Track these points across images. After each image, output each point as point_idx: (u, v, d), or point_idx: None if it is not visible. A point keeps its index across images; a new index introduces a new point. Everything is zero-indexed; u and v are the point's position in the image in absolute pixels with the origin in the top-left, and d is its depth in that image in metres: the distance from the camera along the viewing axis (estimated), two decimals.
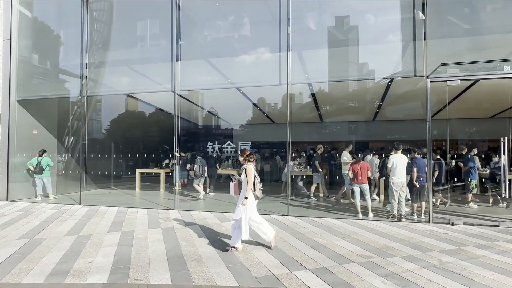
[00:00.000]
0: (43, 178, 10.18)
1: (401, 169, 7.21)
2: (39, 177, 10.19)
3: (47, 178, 10.23)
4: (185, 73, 9.21)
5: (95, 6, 10.36)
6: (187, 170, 12.73)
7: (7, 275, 4.17)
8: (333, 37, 9.03)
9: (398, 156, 7.28)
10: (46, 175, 10.19)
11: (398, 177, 7.20)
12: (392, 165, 7.24)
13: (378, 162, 9.48)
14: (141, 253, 5.03)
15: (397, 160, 7.22)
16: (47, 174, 10.20)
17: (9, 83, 10.04)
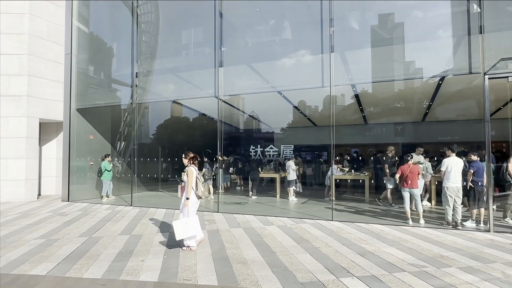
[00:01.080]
0: (102, 180, 10.96)
1: (456, 173, 6.72)
2: (100, 180, 11.04)
3: (104, 180, 10.98)
4: (227, 79, 9.41)
5: (143, 18, 11.00)
6: (230, 174, 12.99)
7: (70, 269, 4.54)
8: (376, 36, 8.71)
9: (453, 159, 6.80)
10: (104, 178, 10.93)
11: (453, 181, 6.72)
12: (446, 168, 6.78)
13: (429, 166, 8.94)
14: (188, 254, 5.20)
15: (452, 164, 6.75)
16: (104, 177, 10.92)
17: (69, 94, 10.97)
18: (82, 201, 10.71)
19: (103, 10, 12.19)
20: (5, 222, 7.52)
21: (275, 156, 14.25)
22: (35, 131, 11.17)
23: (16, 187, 10.80)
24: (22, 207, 9.56)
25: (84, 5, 11.67)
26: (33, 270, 4.50)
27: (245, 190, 12.74)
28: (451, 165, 6.75)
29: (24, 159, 10.81)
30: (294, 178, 10.55)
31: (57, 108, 11.65)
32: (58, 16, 11.82)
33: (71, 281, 4.16)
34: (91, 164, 11.64)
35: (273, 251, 5.27)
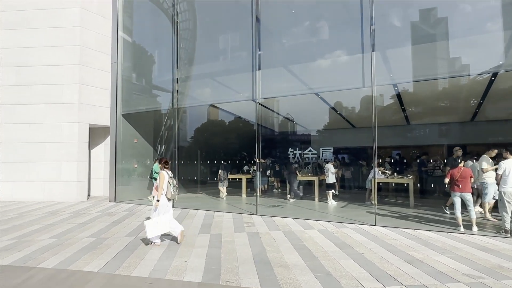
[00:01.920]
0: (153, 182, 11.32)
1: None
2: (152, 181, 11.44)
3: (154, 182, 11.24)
4: (265, 82, 9.45)
5: (181, 26, 11.37)
6: (267, 176, 12.99)
7: (119, 267, 4.76)
8: (418, 33, 8.30)
9: (511, 162, 6.28)
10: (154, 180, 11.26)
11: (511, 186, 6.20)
12: (504, 172, 6.27)
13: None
14: (229, 255, 5.26)
15: (510, 167, 6.23)
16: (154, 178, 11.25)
17: (116, 100, 11.61)
18: (127, 202, 11.25)
19: (145, 21, 12.81)
20: (60, 221, 8.09)
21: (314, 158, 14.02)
22: (85, 136, 11.94)
23: (68, 188, 11.60)
24: (74, 207, 10.23)
25: (128, 17, 12.32)
26: (86, 267, 4.78)
27: (283, 193, 12.68)
28: (509, 168, 6.23)
29: (76, 162, 11.59)
30: (333, 181, 10.33)
31: (105, 114, 12.38)
32: (105, 27, 12.58)
33: (121, 279, 4.36)
34: (135, 167, 12.21)
35: (315, 256, 5.17)
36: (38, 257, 5.25)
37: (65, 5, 12.00)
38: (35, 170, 11.70)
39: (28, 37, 12.00)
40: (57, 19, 11.99)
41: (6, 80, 11.95)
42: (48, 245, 5.90)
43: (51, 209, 9.80)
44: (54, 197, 11.60)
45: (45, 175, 11.68)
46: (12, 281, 4.26)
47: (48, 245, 5.90)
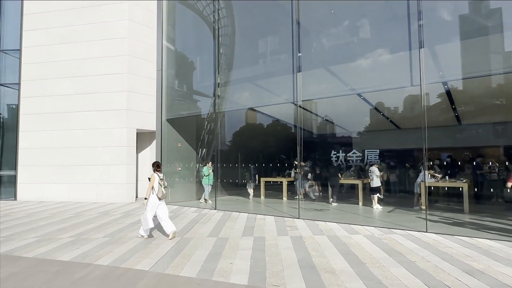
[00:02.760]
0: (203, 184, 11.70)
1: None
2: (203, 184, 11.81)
3: (204, 185, 11.65)
4: (305, 84, 9.35)
5: (221, 32, 11.62)
6: (308, 179, 12.81)
7: (168, 267, 4.93)
8: (468, 26, 7.74)
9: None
10: (203, 182, 11.64)
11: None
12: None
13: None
14: (274, 259, 5.23)
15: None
16: (204, 181, 11.62)
17: (161, 106, 12.13)
18: (172, 203, 11.65)
19: (186, 29, 13.27)
20: (112, 221, 8.58)
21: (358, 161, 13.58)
22: (133, 140, 12.60)
23: (118, 189, 12.29)
24: (123, 208, 10.81)
25: (171, 26, 12.84)
26: (138, 266, 5.00)
27: (324, 196, 12.43)
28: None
29: (125, 165, 12.26)
30: (378, 185, 9.92)
31: (150, 119, 12.98)
32: (150, 37, 13.22)
33: (170, 278, 4.51)
34: (179, 170, 12.64)
35: (363, 262, 4.98)
36: (94, 254, 5.59)
37: (115, 17, 12.81)
38: (89, 173, 12.55)
39: (83, 49, 12.96)
40: (108, 32, 12.82)
41: (64, 90, 12.99)
42: (102, 244, 6.27)
43: (103, 210, 10.44)
44: (106, 198, 12.35)
45: (98, 177, 12.48)
46: (74, 276, 4.57)
47: (103, 244, 6.27)
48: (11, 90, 13.87)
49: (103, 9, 12.95)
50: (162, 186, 6.69)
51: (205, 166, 11.59)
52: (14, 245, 6.19)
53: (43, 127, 13.09)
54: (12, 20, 14.03)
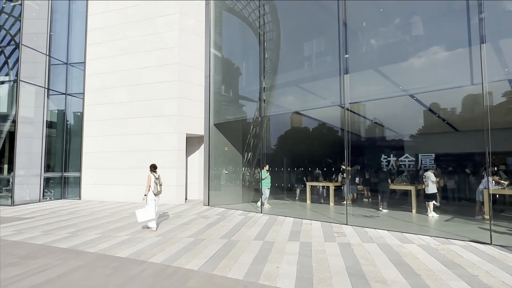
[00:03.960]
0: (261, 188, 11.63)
1: None
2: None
3: (261, 188, 11.47)
4: (353, 86, 9.09)
5: (266, 36, 11.74)
6: (356, 184, 12.39)
7: (216, 268, 5.06)
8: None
9: None
10: (261, 186, 11.51)
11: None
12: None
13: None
14: (321, 265, 5.13)
15: None
16: (261, 184, 11.48)
17: (209, 111, 12.56)
18: (219, 206, 11.97)
19: (233, 36, 13.62)
20: (164, 221, 9.04)
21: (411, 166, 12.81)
22: (183, 144, 13.18)
23: (169, 192, 12.89)
24: (174, 209, 11.32)
25: (218, 34, 13.27)
26: (187, 265, 5.20)
27: (373, 203, 11.92)
28: None
29: (175, 168, 12.86)
30: (434, 191, 9.28)
31: (199, 124, 13.48)
32: (198, 45, 13.77)
33: (218, 279, 4.63)
34: (226, 173, 12.94)
35: (417, 274, 4.69)
36: (148, 252, 5.93)
37: (167, 28, 13.56)
38: (143, 175, 13.32)
39: (139, 60, 13.89)
40: (161, 42, 13.60)
41: (121, 98, 14.01)
42: (155, 243, 6.63)
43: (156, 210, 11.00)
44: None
45: None
46: (130, 272, 4.89)
47: (155, 243, 6.62)
48: (76, 99, 15.29)
49: (157, 21, 13.79)
50: (158, 184, 7.90)
51: (262, 170, 11.46)
52: (79, 241, 6.78)
53: (104, 132, 14.23)
54: (78, 36, 15.48)
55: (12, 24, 13.91)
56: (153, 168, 8.17)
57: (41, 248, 6.26)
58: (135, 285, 4.40)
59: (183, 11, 13.66)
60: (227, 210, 11.10)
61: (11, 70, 13.74)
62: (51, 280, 4.57)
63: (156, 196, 7.98)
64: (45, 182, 14.45)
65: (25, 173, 13.43)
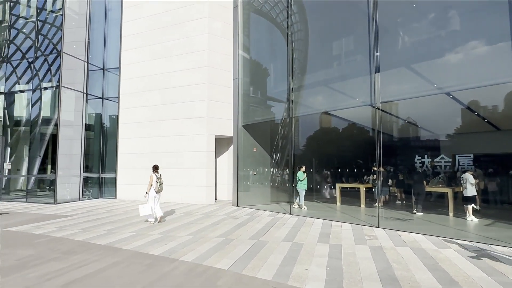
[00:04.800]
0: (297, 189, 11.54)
1: None
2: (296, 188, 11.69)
3: (299, 190, 11.46)
4: (384, 84, 8.83)
5: (294, 36, 11.68)
6: (389, 186, 12.00)
7: (245, 268, 5.11)
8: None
9: None
10: (298, 187, 11.43)
11: None
12: None
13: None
14: (351, 268, 5.03)
15: None
16: (299, 186, 11.40)
17: (237, 112, 12.70)
18: (248, 206, 12.06)
19: (260, 37, 13.69)
20: (194, 221, 9.24)
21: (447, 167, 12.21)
22: (212, 145, 13.42)
23: (199, 192, 13.18)
24: (204, 209, 11.55)
25: (246, 36, 13.40)
26: (217, 264, 5.29)
27: (407, 205, 11.49)
28: None
29: (205, 169, 13.11)
30: (473, 194, 8.80)
31: (228, 125, 13.67)
32: (227, 48, 13.97)
33: (247, 279, 4.67)
34: (255, 174, 13.01)
35: (454, 280, 4.47)
36: (179, 250, 6.10)
37: (197, 32, 13.88)
38: (174, 176, 13.74)
39: (170, 63, 14.33)
40: (191, 46, 13.95)
41: (154, 101, 14.52)
42: (186, 241, 6.80)
43: (187, 210, 11.30)
44: (188, 199, 13.35)
45: (181, 180, 13.59)
46: (162, 270, 5.06)
47: (187, 241, 6.80)
48: (112, 103, 16.03)
49: (186, 26, 14.15)
50: (158, 183, 8.90)
51: (299, 171, 11.35)
52: (115, 238, 7.10)
53: (137, 134, 14.81)
54: (113, 43, 16.24)
55: (54, 34, 14.83)
56: (155, 168, 9.10)
57: (81, 244, 6.62)
58: (168, 282, 4.54)
59: (212, 14, 13.92)
60: (255, 211, 11.16)
61: (53, 76, 14.64)
62: (90, 275, 4.83)
63: (157, 193, 8.95)
64: (84, 182, 15.26)
65: (66, 173, 14.26)
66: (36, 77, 14.97)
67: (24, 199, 14.28)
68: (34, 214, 10.64)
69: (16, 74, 15.53)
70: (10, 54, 15.73)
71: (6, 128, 15.41)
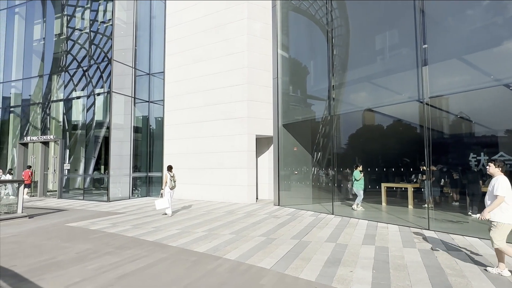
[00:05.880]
0: (354, 189, 11.17)
1: None
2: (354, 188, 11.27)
3: (355, 189, 11.09)
4: (432, 78, 8.31)
5: (334, 32, 11.40)
6: (440, 186, 11.29)
7: (288, 268, 5.09)
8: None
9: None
10: (355, 188, 11.07)
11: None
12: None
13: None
14: (400, 272, 4.80)
15: None
16: (355, 186, 11.06)
17: (277, 112, 12.70)
18: (290, 206, 12.00)
19: (299, 35, 13.54)
20: (236, 219, 9.40)
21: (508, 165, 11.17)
22: (253, 145, 13.55)
23: (241, 191, 13.38)
24: (246, 208, 11.69)
25: (285, 35, 13.34)
26: (260, 263, 5.33)
27: (460, 206, 10.71)
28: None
29: (246, 169, 13.28)
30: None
31: (268, 125, 13.73)
32: (266, 47, 14.03)
33: (290, 279, 4.65)
34: (296, 173, 12.92)
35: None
36: (223, 248, 6.23)
37: (237, 34, 14.11)
38: (216, 175, 14.09)
39: (211, 66, 14.72)
40: (231, 48, 14.21)
41: (196, 103, 15.00)
42: (229, 240, 6.93)
43: (229, 209, 11.52)
44: (230, 198, 13.61)
45: (223, 179, 13.89)
46: (207, 267, 5.21)
47: (230, 240, 6.93)
48: (157, 106, 16.82)
49: (227, 28, 14.44)
50: (172, 181, 10.19)
51: (355, 170, 10.98)
52: (162, 235, 7.45)
53: (181, 135, 15.39)
54: (158, 48, 17.04)
55: (105, 43, 15.91)
56: (169, 168, 10.39)
57: (132, 240, 7.03)
58: (213, 279, 4.67)
59: (251, 15, 14.05)
60: (297, 211, 11.07)
61: (105, 82, 15.70)
62: (141, 269, 5.11)
63: (171, 190, 10.19)
64: (133, 181, 16.18)
65: (117, 173, 15.22)
66: (90, 84, 16.16)
67: (82, 197, 15.49)
68: (90, 211, 11.50)
69: (73, 82, 16.87)
70: (68, 63, 17.13)
71: (65, 132, 16.81)
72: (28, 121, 18.22)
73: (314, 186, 13.31)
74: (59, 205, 13.25)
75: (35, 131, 17.73)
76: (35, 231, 8.09)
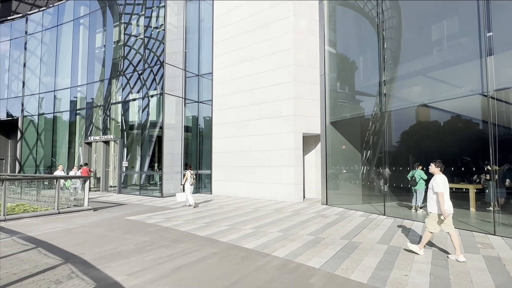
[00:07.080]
0: (416, 190, 10.70)
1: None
2: (414, 189, 10.80)
3: (419, 190, 10.61)
4: (499, 69, 7.57)
5: (385, 25, 10.85)
6: (506, 187, 10.27)
7: (338, 268, 5.00)
8: None
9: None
10: (419, 188, 10.60)
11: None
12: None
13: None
14: (461, 279, 4.48)
15: None
16: (420, 186, 10.58)
17: (324, 109, 12.46)
18: (338, 205, 11.73)
19: (347, 30, 13.10)
20: (284, 218, 9.42)
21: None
22: (300, 143, 13.45)
23: (288, 189, 13.36)
24: (293, 207, 11.66)
25: (332, 30, 13.01)
26: (309, 262, 5.30)
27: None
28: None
29: (293, 167, 13.23)
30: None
31: (315, 123, 13.53)
32: (312, 44, 13.82)
33: (340, 280, 4.56)
34: (344, 172, 12.58)
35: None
36: (271, 246, 6.29)
37: (282, 32, 14.09)
38: (263, 173, 14.22)
39: (256, 65, 14.87)
40: (276, 46, 14.22)
41: (242, 102, 15.26)
42: (277, 237, 6.98)
43: (276, 207, 11.57)
44: (277, 196, 13.65)
45: (270, 177, 13.97)
46: (256, 263, 5.30)
47: (277, 237, 6.97)
48: (206, 106, 17.40)
49: (272, 27, 14.48)
50: (192, 178, 11.74)
51: (418, 169, 10.52)
52: (212, 230, 7.72)
53: (228, 134, 15.77)
54: (206, 50, 17.62)
55: (158, 47, 16.82)
56: (189, 167, 12.05)
57: (184, 234, 7.38)
58: (262, 275, 4.74)
59: (297, 12, 13.92)
60: (346, 210, 10.79)
61: (158, 85, 16.61)
62: (194, 262, 5.36)
63: (191, 186, 11.78)
64: None
65: (170, 171, 16.04)
66: (144, 86, 17.21)
67: (138, 192, 16.59)
68: (146, 206, 12.27)
69: (129, 85, 18.10)
70: (125, 68, 18.41)
71: (123, 132, 18.11)
72: (92, 122, 19.93)
73: (364, 185, 12.85)
74: (119, 200, 14.33)
75: (97, 131, 19.35)
76: (99, 223, 8.84)
